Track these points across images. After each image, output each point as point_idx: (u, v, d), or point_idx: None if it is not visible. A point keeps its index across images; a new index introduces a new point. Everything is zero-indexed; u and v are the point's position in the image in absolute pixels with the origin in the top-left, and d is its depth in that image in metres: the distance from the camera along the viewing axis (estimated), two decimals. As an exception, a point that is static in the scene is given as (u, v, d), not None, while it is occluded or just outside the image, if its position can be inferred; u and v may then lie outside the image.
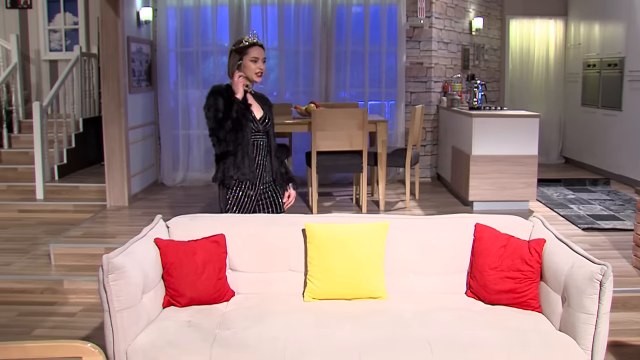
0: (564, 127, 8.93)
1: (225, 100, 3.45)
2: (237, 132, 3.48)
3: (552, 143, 8.90)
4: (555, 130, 8.91)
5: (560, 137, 8.92)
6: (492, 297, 3.19)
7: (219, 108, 3.45)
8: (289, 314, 3.02)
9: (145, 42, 6.86)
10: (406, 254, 3.35)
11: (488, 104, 7.82)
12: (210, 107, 3.47)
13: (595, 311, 2.75)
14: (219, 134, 3.46)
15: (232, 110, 3.44)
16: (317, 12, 7.01)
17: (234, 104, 3.45)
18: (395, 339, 2.78)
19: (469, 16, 7.91)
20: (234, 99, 3.46)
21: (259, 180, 3.64)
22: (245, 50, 3.51)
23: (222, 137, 3.47)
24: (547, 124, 8.92)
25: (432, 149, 7.48)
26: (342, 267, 3.19)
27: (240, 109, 3.48)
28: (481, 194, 5.87)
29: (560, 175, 7.58)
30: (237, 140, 3.50)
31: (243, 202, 3.61)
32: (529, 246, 3.18)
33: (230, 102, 3.45)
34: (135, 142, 6.53)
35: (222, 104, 3.45)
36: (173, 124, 7.20)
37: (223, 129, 3.44)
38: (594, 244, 4.88)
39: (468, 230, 3.38)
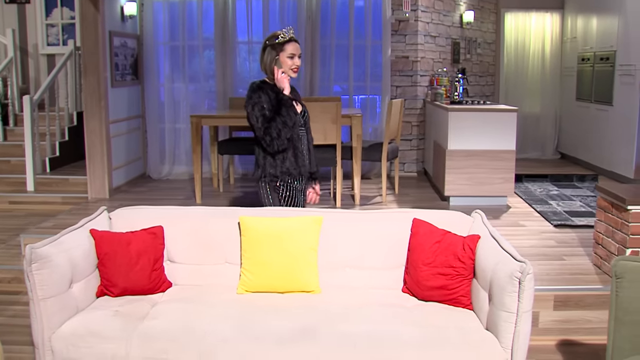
0: (560, 122, 8.76)
1: (270, 97, 3.43)
2: (290, 129, 3.44)
3: (547, 138, 8.74)
4: (551, 126, 8.74)
5: (555, 133, 8.76)
6: (424, 293, 3.16)
7: (264, 106, 3.42)
8: (219, 306, 3.05)
9: (131, 36, 6.94)
10: (343, 249, 3.34)
11: (473, 97, 7.73)
12: (255, 105, 3.43)
13: (515, 309, 2.71)
14: (272, 132, 3.40)
15: (281, 107, 3.41)
16: (302, 5, 7.00)
17: (282, 101, 3.42)
18: (318, 333, 2.78)
19: (460, 9, 7.80)
20: (282, 96, 3.44)
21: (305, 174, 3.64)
22: (282, 47, 3.45)
23: (275, 134, 3.40)
24: (543, 118, 8.77)
25: (418, 143, 7.41)
26: (275, 260, 3.20)
27: (288, 105, 3.44)
28: (458, 189, 5.80)
29: (552, 171, 7.44)
30: (289, 135, 3.46)
31: (294, 195, 3.61)
32: (463, 242, 3.13)
33: (276, 99, 3.42)
34: (119, 135, 6.63)
35: (267, 100, 3.42)
36: (160, 117, 7.28)
37: (274, 126, 3.39)
38: (562, 240, 4.79)
39: (406, 225, 3.35)
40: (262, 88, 3.46)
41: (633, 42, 6.63)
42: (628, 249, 3.84)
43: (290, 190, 3.58)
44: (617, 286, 2.70)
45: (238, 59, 7.29)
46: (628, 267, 2.68)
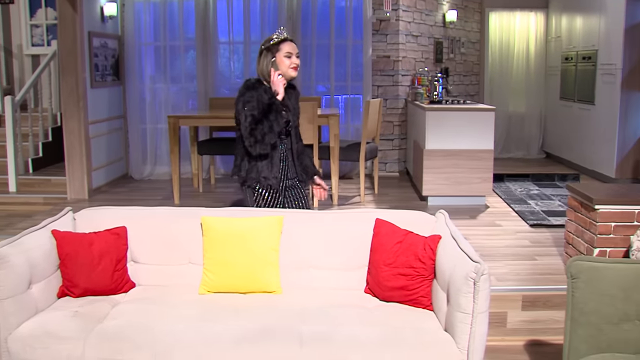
0: (545, 121, 8.75)
1: (261, 99, 3.36)
2: (275, 134, 3.38)
3: (532, 138, 8.74)
4: (536, 125, 8.74)
5: (540, 132, 8.75)
6: (385, 294, 3.15)
7: (255, 106, 3.34)
8: (179, 306, 3.04)
9: (112, 37, 6.93)
10: (305, 249, 3.33)
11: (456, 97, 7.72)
12: (245, 102, 3.36)
13: (471, 310, 2.69)
14: (256, 134, 3.33)
15: (270, 111, 3.34)
16: (283, 5, 7.00)
17: (273, 105, 3.35)
18: (275, 333, 2.77)
19: (443, 9, 7.80)
20: (275, 100, 3.36)
21: (283, 178, 3.57)
22: (277, 47, 3.40)
23: (259, 137, 3.33)
24: (528, 118, 8.77)
25: (400, 143, 7.40)
26: (236, 260, 3.19)
27: (279, 111, 3.37)
28: (436, 188, 5.80)
29: (535, 170, 7.44)
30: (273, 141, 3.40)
31: (270, 200, 3.54)
32: (424, 243, 3.12)
33: (269, 101, 3.35)
34: (100, 136, 6.62)
35: (259, 101, 3.36)
36: (141, 117, 7.27)
37: (260, 129, 3.32)
38: (536, 240, 4.78)
39: (369, 225, 3.34)
40: (256, 88, 3.40)
41: (614, 41, 6.63)
42: (596, 249, 3.83)
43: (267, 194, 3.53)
44: (573, 286, 2.69)
45: (219, 59, 7.28)
46: (583, 267, 2.67)
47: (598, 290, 2.65)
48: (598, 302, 2.65)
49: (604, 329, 2.66)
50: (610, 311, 2.64)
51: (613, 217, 3.78)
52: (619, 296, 2.63)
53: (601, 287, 2.65)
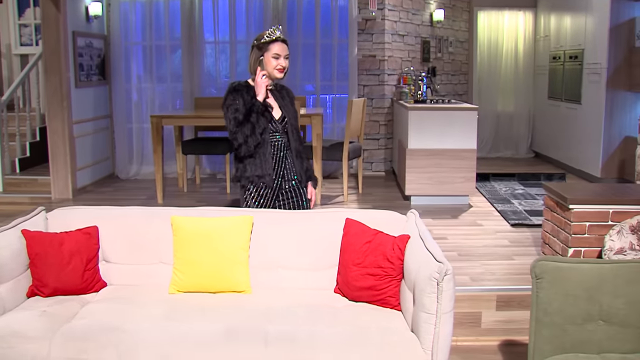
0: (534, 121, 8.74)
1: (245, 101, 3.34)
2: (256, 136, 3.35)
3: (520, 137, 8.74)
4: (524, 124, 8.73)
5: (529, 131, 8.74)
6: (354, 293, 3.14)
7: (238, 109, 3.33)
8: (148, 306, 3.04)
9: (97, 36, 6.93)
10: (275, 249, 3.32)
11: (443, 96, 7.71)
12: (229, 106, 3.35)
13: (435, 311, 2.69)
14: (238, 137, 3.33)
15: (251, 113, 3.31)
16: (268, 4, 6.99)
17: (254, 107, 3.32)
18: (240, 333, 2.77)
19: (430, 8, 7.79)
20: (254, 101, 3.33)
21: (279, 180, 3.52)
22: (267, 46, 3.34)
23: (241, 140, 3.33)
24: (516, 117, 8.76)
25: (386, 142, 7.40)
26: (205, 260, 3.19)
27: (260, 112, 3.33)
28: (419, 188, 5.79)
29: (522, 169, 7.43)
30: (256, 142, 3.37)
31: (260, 201, 3.51)
32: (393, 243, 3.11)
33: (250, 103, 3.33)
34: (85, 136, 6.61)
35: (242, 104, 3.33)
36: (128, 117, 7.27)
37: (243, 132, 3.32)
38: (516, 240, 4.78)
39: (339, 225, 3.33)
40: (239, 90, 3.36)
41: (599, 40, 6.62)
42: (571, 249, 3.83)
43: (257, 196, 3.50)
44: (537, 287, 2.68)
45: (205, 59, 7.28)
46: (548, 267, 2.67)
47: (562, 290, 2.65)
48: (562, 302, 2.64)
49: (567, 330, 2.65)
50: (573, 311, 2.64)
51: (587, 216, 3.77)
52: (582, 296, 2.63)
53: (565, 287, 2.64)
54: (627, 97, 6.49)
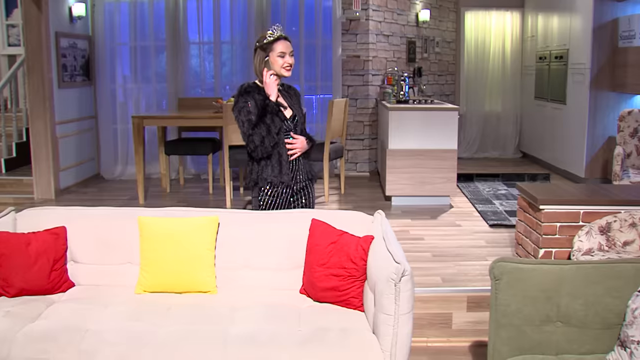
0: (521, 121, 8.73)
1: (257, 102, 3.30)
2: (272, 136, 3.30)
3: (508, 137, 8.72)
4: (512, 125, 8.72)
5: (516, 132, 8.73)
6: (318, 294, 3.14)
7: (250, 111, 3.29)
8: (113, 306, 3.04)
9: (82, 37, 6.93)
10: (242, 249, 3.32)
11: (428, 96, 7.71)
12: (241, 109, 3.30)
13: (393, 312, 2.69)
14: (255, 139, 3.29)
15: (266, 114, 3.28)
16: (252, 5, 6.99)
17: (268, 107, 3.29)
18: (200, 333, 2.77)
19: (416, 8, 7.78)
20: (268, 102, 3.30)
21: (294, 180, 3.50)
22: (271, 46, 3.30)
23: (258, 142, 3.29)
24: (504, 118, 8.75)
25: (370, 143, 7.39)
26: (171, 260, 3.20)
27: (274, 112, 3.30)
28: (400, 188, 5.78)
29: (507, 170, 7.42)
30: (273, 143, 3.33)
31: (276, 202, 3.48)
32: (357, 243, 3.11)
33: (263, 104, 3.29)
34: (68, 136, 6.61)
35: (254, 105, 3.29)
36: (113, 118, 7.26)
37: (258, 133, 3.27)
38: (492, 240, 4.77)
39: (306, 225, 3.33)
40: (250, 92, 3.32)
41: (583, 40, 6.61)
42: (541, 249, 3.82)
43: (272, 196, 3.47)
44: (496, 288, 2.68)
45: (190, 60, 7.28)
46: (506, 268, 2.66)
47: (520, 291, 2.64)
48: (520, 303, 2.64)
49: (525, 331, 2.65)
50: (531, 313, 2.63)
51: (558, 217, 3.76)
52: (540, 298, 2.62)
53: (523, 288, 2.64)
54: (611, 98, 6.48)
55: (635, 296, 2.55)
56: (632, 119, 5.19)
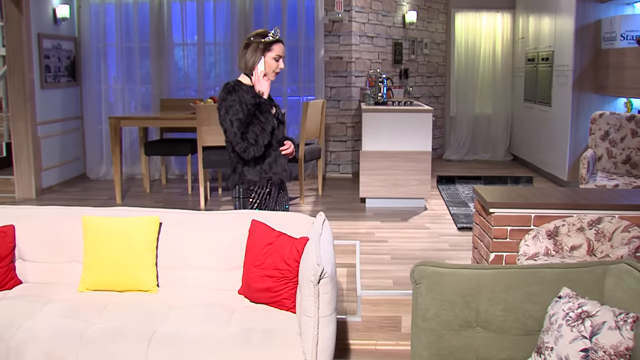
0: (511, 123, 8.63)
1: (245, 100, 3.20)
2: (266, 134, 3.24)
3: (498, 140, 8.63)
4: (502, 127, 8.63)
5: (507, 134, 8.64)
6: (253, 295, 3.16)
7: (239, 109, 3.18)
8: (53, 303, 3.10)
9: (67, 38, 7.02)
10: (184, 249, 3.35)
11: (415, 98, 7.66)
12: (229, 108, 3.20)
13: (313, 314, 2.69)
14: (248, 137, 3.20)
15: (261, 112, 3.22)
16: (235, 6, 7.02)
17: (262, 105, 3.23)
18: (124, 331, 2.81)
19: (402, 10, 7.74)
20: (262, 100, 3.23)
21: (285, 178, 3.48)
22: (270, 47, 3.23)
23: (252, 140, 3.21)
24: (494, 120, 8.66)
25: (353, 144, 7.36)
26: (113, 259, 3.24)
27: (267, 110, 3.26)
28: (373, 190, 5.76)
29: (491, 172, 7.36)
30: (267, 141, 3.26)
31: (267, 201, 3.45)
32: (292, 245, 3.12)
33: (253, 102, 3.21)
34: (52, 136, 6.71)
35: (243, 103, 3.19)
36: (98, 118, 7.34)
37: (252, 132, 3.20)
38: (456, 244, 4.73)
39: (247, 226, 3.35)
40: (237, 90, 3.23)
41: (566, 42, 6.52)
42: (492, 253, 3.78)
43: (261, 196, 3.43)
44: (416, 292, 2.65)
45: (174, 61, 7.33)
46: (426, 272, 2.64)
47: (439, 296, 2.61)
48: (438, 308, 2.61)
49: (444, 336, 2.62)
50: (450, 318, 2.60)
51: (509, 220, 3.71)
52: (459, 303, 2.59)
53: (442, 293, 2.61)
54: (594, 100, 6.39)
55: (555, 302, 2.51)
56: (604, 122, 5.11)
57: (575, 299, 2.44)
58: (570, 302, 2.43)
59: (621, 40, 5.96)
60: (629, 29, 5.91)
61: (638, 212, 3.70)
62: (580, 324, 2.32)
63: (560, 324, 2.38)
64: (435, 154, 8.71)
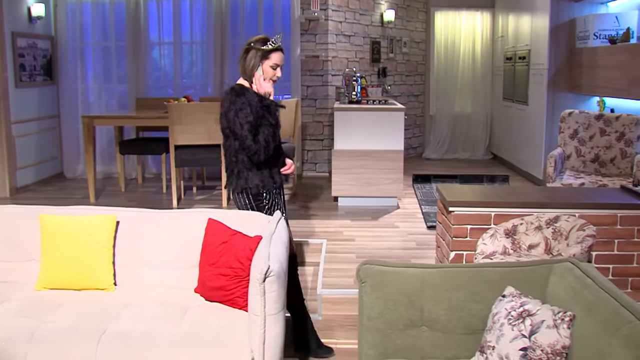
0: (491, 122, 8.64)
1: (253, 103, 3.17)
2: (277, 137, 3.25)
3: (477, 138, 8.64)
4: (482, 126, 8.64)
5: (487, 133, 8.64)
6: (208, 293, 3.16)
7: (249, 112, 3.15)
8: (8, 302, 3.09)
9: (43, 37, 7.00)
10: (142, 247, 3.35)
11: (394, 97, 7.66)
12: (239, 111, 3.15)
13: (260, 312, 2.69)
14: (260, 140, 3.15)
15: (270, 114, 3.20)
16: (211, 6, 7.01)
17: (270, 107, 3.20)
18: (75, 330, 2.80)
19: (380, 8, 7.73)
20: (269, 102, 3.21)
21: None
22: (268, 54, 3.21)
23: (264, 143, 3.16)
24: (474, 118, 8.67)
25: (330, 143, 7.35)
26: (70, 258, 3.24)
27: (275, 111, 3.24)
28: (345, 189, 5.76)
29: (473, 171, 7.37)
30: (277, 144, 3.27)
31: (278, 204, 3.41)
32: (246, 243, 3.12)
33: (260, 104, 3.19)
34: (27, 135, 6.69)
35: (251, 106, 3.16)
36: (75, 117, 7.32)
37: (263, 134, 3.16)
38: (423, 242, 4.74)
39: (204, 224, 3.35)
40: (244, 93, 3.19)
41: (542, 41, 6.53)
42: (452, 252, 3.78)
43: (271, 199, 3.39)
44: (361, 291, 2.66)
45: (150, 60, 7.32)
46: (371, 271, 2.64)
47: (383, 295, 2.61)
48: (383, 307, 2.61)
49: (389, 335, 2.62)
50: (395, 317, 2.60)
51: (468, 219, 3.72)
52: (403, 302, 2.59)
53: (386, 292, 2.61)
54: (569, 98, 6.40)
55: (499, 301, 2.51)
56: (572, 121, 5.12)
57: (518, 298, 2.44)
58: (513, 301, 2.43)
59: (594, 40, 5.97)
60: (601, 28, 5.92)
61: (597, 210, 3.71)
62: (521, 323, 2.33)
63: (502, 323, 2.38)
64: (415, 152, 8.73)
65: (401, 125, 5.67)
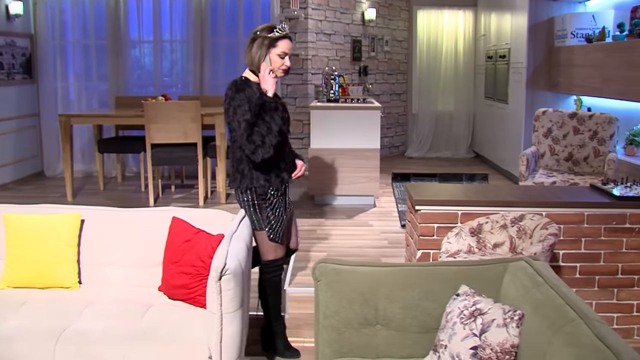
0: (474, 120, 8.66)
1: (253, 98, 3.06)
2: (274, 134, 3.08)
3: (460, 137, 8.66)
4: (464, 124, 8.65)
5: (469, 131, 8.66)
6: (171, 292, 3.17)
7: (247, 109, 3.02)
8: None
9: (21, 35, 6.97)
10: (107, 246, 3.36)
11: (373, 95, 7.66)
12: (237, 108, 3.03)
13: (217, 310, 2.70)
14: (255, 139, 3.02)
15: (265, 111, 3.06)
16: (191, 4, 7.00)
17: (265, 104, 3.05)
18: (36, 328, 2.81)
19: (362, 7, 7.74)
20: (265, 98, 3.06)
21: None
22: (275, 42, 3.06)
23: (259, 142, 3.03)
24: (456, 117, 8.68)
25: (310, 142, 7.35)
26: (34, 256, 3.24)
27: (272, 109, 3.09)
28: (321, 187, 5.77)
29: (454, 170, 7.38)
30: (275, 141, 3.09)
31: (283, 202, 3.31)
32: (208, 241, 3.12)
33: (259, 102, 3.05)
34: (5, 133, 6.67)
35: (251, 101, 3.04)
36: (54, 115, 7.29)
37: (259, 132, 3.03)
38: (396, 241, 4.74)
39: (168, 223, 3.35)
40: (245, 88, 3.08)
41: (521, 40, 6.55)
42: (419, 251, 3.79)
43: (277, 198, 3.29)
44: (317, 289, 2.66)
45: (130, 58, 7.30)
46: (326, 269, 2.65)
47: (338, 293, 2.62)
48: (338, 305, 2.61)
49: (344, 334, 2.63)
50: (349, 315, 2.61)
51: (435, 218, 3.72)
52: (358, 300, 2.60)
53: (341, 290, 2.62)
54: (548, 97, 6.42)
55: (452, 300, 2.52)
56: (546, 119, 5.13)
57: (471, 296, 2.45)
58: (466, 300, 2.44)
59: (572, 38, 5.99)
60: (578, 26, 5.94)
61: (564, 209, 3.72)
62: (473, 321, 2.33)
63: (455, 322, 2.39)
64: (397, 151, 8.74)
65: (377, 123, 5.67)
